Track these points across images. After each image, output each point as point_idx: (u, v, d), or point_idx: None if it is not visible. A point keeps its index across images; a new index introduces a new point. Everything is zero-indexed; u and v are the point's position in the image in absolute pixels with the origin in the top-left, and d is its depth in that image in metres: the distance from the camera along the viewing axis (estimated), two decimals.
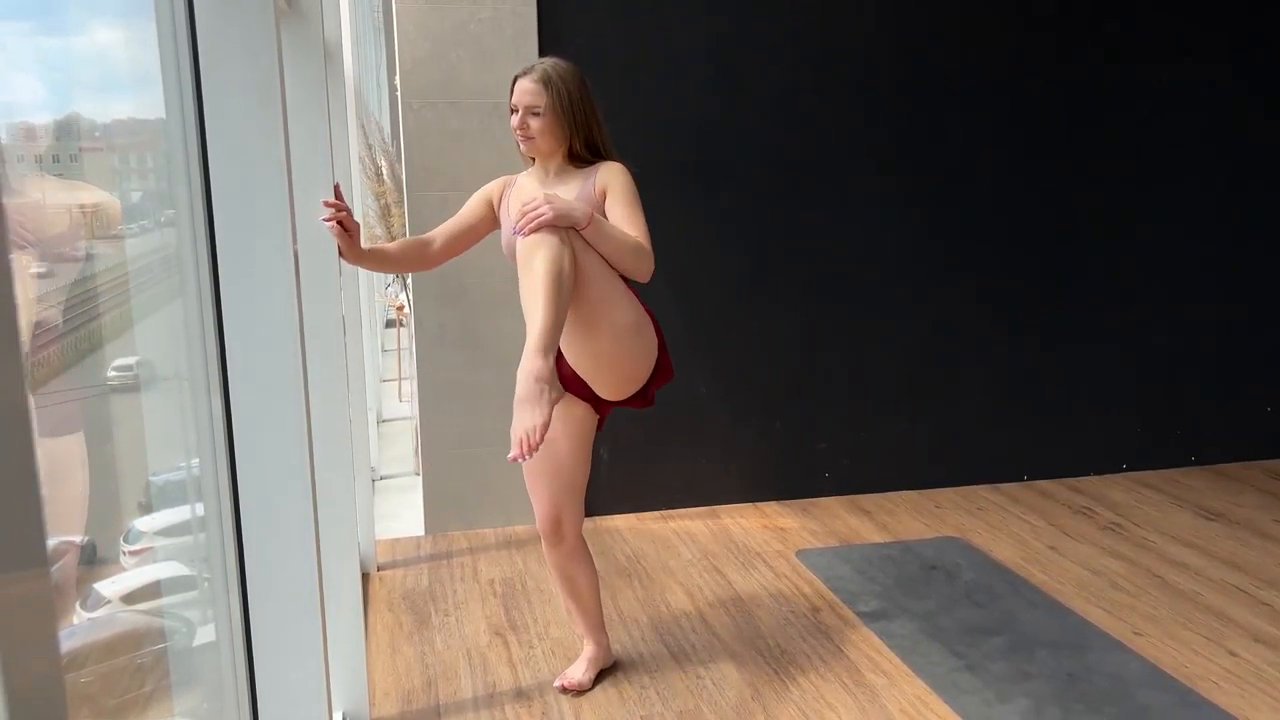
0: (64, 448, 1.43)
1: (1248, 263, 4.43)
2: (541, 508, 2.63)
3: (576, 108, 2.45)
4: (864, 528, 3.87)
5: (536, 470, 2.60)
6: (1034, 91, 4.11)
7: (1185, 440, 4.50)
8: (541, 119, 2.44)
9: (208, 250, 1.51)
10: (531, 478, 2.62)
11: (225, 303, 1.47)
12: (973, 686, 2.73)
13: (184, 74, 1.47)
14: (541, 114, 2.43)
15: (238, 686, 1.64)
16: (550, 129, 2.45)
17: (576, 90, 2.45)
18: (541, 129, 2.44)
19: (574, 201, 2.33)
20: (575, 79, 2.46)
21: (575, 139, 2.47)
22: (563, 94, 2.43)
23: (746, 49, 3.82)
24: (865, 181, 4.02)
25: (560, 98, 2.43)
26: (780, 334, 4.04)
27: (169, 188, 1.56)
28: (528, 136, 2.46)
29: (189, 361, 1.58)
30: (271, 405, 1.50)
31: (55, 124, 1.44)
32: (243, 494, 1.52)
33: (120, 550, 1.66)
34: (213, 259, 1.48)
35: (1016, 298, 4.24)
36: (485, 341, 3.73)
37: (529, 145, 2.49)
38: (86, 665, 1.52)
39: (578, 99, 2.45)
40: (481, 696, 2.71)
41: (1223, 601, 3.23)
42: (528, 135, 2.46)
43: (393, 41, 3.67)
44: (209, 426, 1.58)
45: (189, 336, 1.57)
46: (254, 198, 1.45)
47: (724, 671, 2.82)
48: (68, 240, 1.45)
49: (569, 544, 2.66)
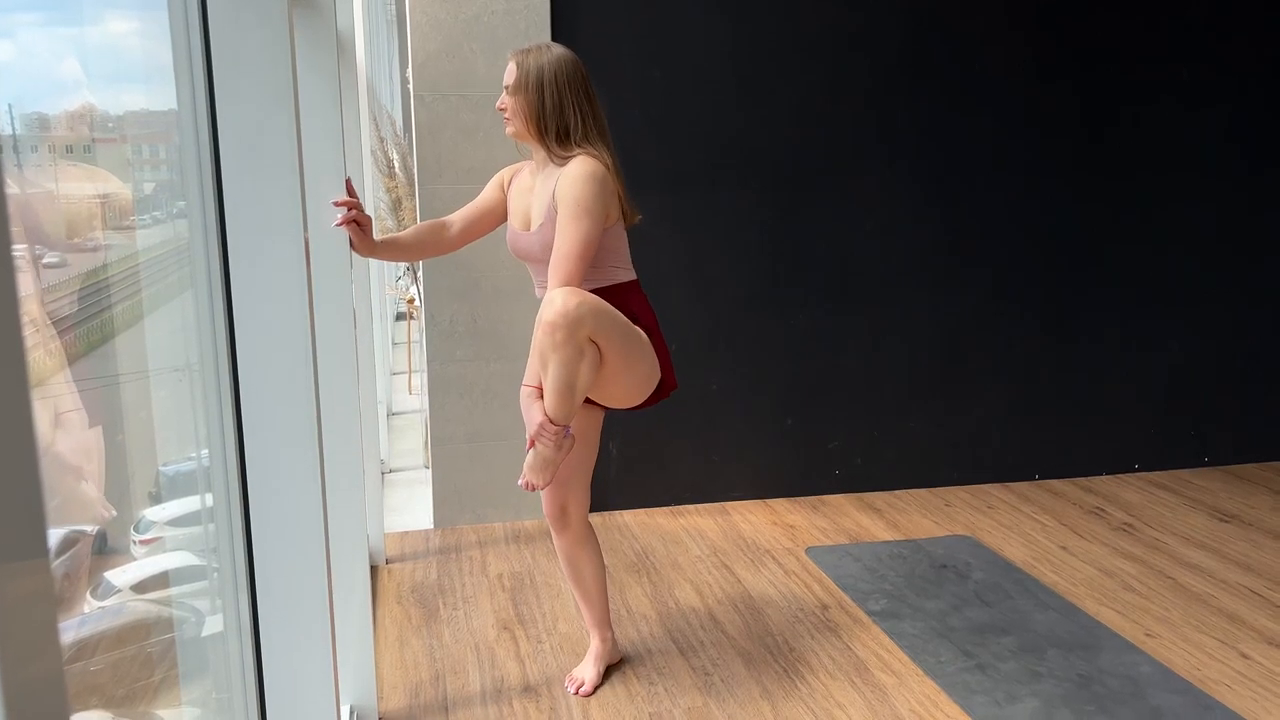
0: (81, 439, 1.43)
1: (1263, 263, 4.39)
2: (547, 495, 2.63)
3: (548, 89, 2.36)
4: (874, 526, 3.85)
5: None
6: (1047, 91, 4.08)
7: (1198, 441, 4.48)
8: (512, 97, 2.41)
9: (218, 242, 1.50)
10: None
11: (236, 294, 1.47)
12: (983, 686, 2.72)
13: (196, 65, 1.47)
14: (511, 92, 2.41)
15: (245, 678, 1.64)
16: (517, 109, 2.41)
17: (552, 73, 2.36)
18: (512, 108, 2.42)
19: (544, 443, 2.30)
20: (556, 63, 2.37)
21: (543, 124, 2.38)
22: (531, 72, 2.36)
23: (763, 46, 3.81)
24: (880, 181, 4.00)
25: (528, 75, 2.36)
26: (793, 332, 4.03)
27: (181, 179, 1.56)
28: (503, 108, 2.45)
29: (200, 352, 1.58)
30: (281, 397, 1.50)
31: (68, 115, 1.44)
32: (252, 486, 1.52)
33: (131, 540, 1.67)
34: (223, 251, 1.48)
35: (1030, 297, 4.22)
36: (495, 335, 3.73)
37: (507, 125, 2.46)
38: (96, 654, 1.52)
39: (550, 81, 2.36)
40: (489, 691, 2.72)
41: (1236, 603, 3.21)
42: (503, 108, 2.45)
43: (405, 34, 3.67)
44: (219, 418, 1.57)
45: (199, 328, 1.57)
46: (266, 190, 1.45)
47: (732, 669, 2.82)
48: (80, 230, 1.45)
49: (575, 530, 2.67)
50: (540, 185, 2.47)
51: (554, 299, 2.20)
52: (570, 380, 2.24)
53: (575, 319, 2.19)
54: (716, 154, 3.85)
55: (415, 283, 4.50)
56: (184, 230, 1.58)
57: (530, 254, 2.49)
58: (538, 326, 2.23)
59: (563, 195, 2.33)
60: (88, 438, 1.44)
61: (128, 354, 1.62)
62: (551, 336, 2.19)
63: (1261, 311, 4.43)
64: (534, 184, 2.50)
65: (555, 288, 2.27)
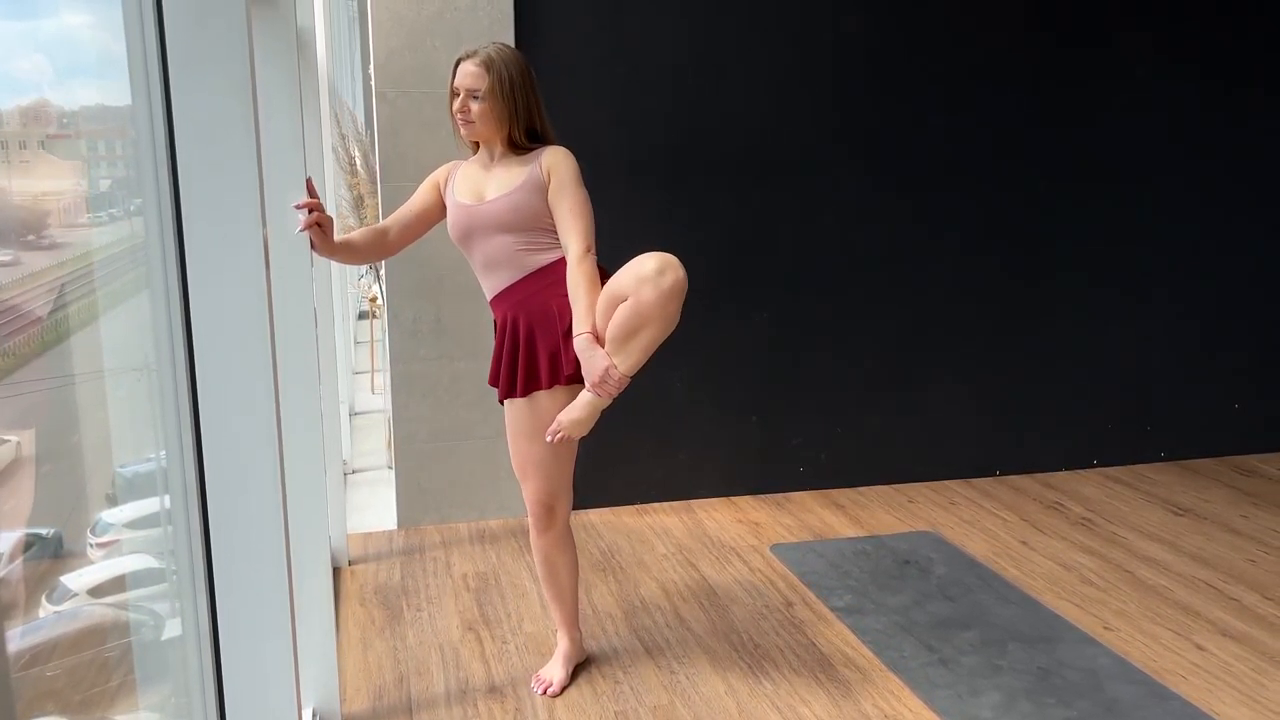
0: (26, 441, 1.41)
1: (1215, 261, 4.47)
2: (536, 493, 2.62)
3: (519, 92, 2.45)
4: (838, 522, 3.88)
5: (536, 457, 2.58)
6: (1007, 88, 4.12)
7: (1155, 436, 4.55)
8: (482, 103, 2.44)
9: (175, 239, 1.48)
10: (527, 464, 2.60)
11: (193, 292, 1.45)
12: (945, 680, 2.74)
13: (151, 59, 1.45)
14: (482, 98, 2.44)
15: (205, 681, 1.61)
16: (490, 113, 2.45)
17: (519, 75, 2.45)
18: (482, 113, 2.45)
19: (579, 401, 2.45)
20: (518, 64, 2.46)
21: (515, 125, 2.47)
22: (504, 78, 2.43)
23: (724, 40, 3.81)
24: (840, 177, 4.02)
25: (502, 82, 2.43)
26: (755, 329, 4.04)
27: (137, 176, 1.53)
28: (468, 120, 2.47)
29: (156, 351, 1.55)
30: (240, 397, 1.48)
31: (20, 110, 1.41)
32: (210, 488, 1.49)
33: (88, 543, 1.64)
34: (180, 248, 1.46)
35: (989, 295, 4.26)
36: (459, 334, 3.71)
37: (469, 129, 2.49)
38: (52, 660, 1.49)
39: (519, 84, 2.45)
40: (454, 692, 2.70)
41: (1191, 596, 3.26)
42: (468, 119, 2.46)
43: (367, 29, 3.64)
44: (175, 418, 1.55)
45: (156, 326, 1.54)
46: (223, 187, 1.43)
47: (698, 666, 2.82)
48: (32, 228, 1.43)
49: (559, 529, 2.67)
50: (501, 170, 2.51)
51: (673, 265, 2.28)
52: (659, 342, 2.36)
53: (685, 288, 2.32)
54: (678, 149, 3.85)
55: (378, 281, 4.47)
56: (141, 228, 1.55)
57: (492, 220, 2.49)
58: (649, 287, 2.26)
59: (556, 165, 2.45)
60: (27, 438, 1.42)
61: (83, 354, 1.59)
62: (675, 302, 2.30)
63: (1214, 310, 4.51)
64: (487, 173, 2.53)
65: (577, 239, 2.41)
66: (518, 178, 2.47)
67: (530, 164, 2.48)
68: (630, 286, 2.29)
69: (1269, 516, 3.93)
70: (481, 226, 2.50)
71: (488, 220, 2.49)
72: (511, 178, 2.48)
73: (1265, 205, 4.48)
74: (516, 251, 2.49)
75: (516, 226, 2.47)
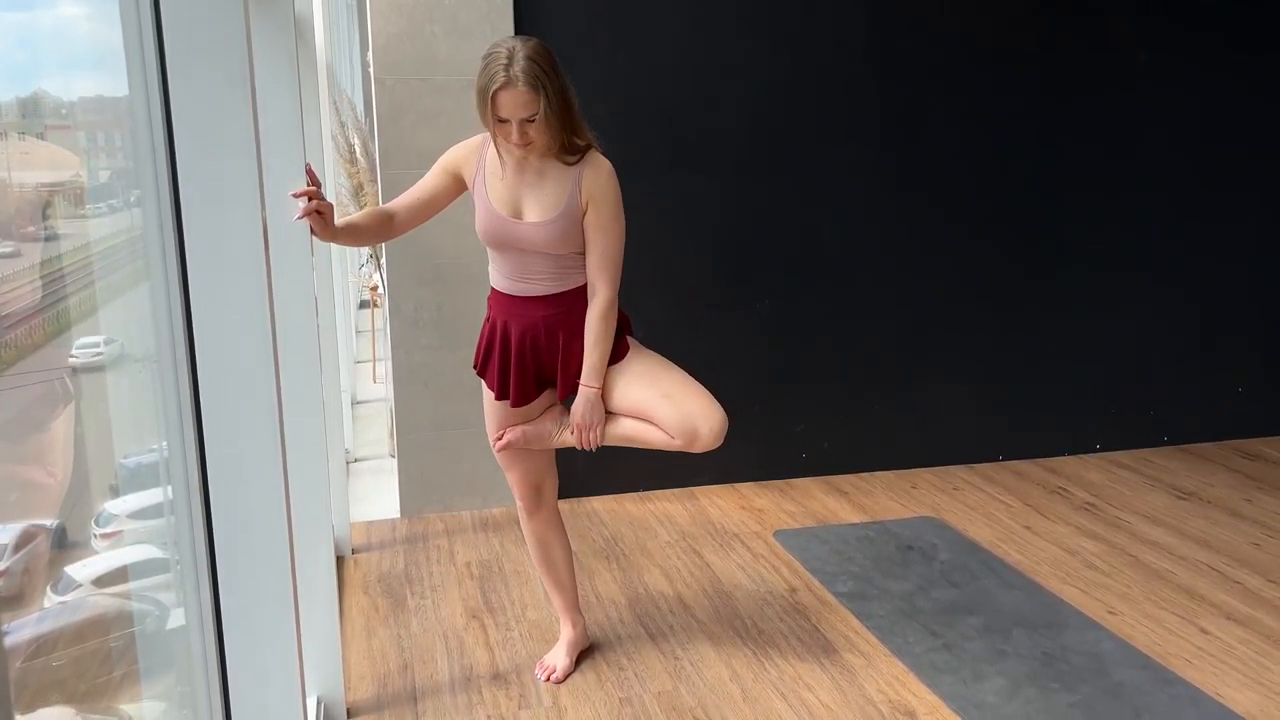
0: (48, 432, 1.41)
1: (1218, 244, 4.45)
2: (523, 476, 2.65)
3: (567, 95, 2.32)
4: (841, 508, 3.88)
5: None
6: (1008, 78, 4.10)
7: (1158, 420, 4.54)
8: (540, 124, 2.28)
9: (174, 229, 1.47)
10: (513, 449, 2.62)
11: (193, 282, 1.44)
12: (950, 666, 2.75)
13: (148, 49, 1.44)
14: (539, 119, 2.28)
15: (209, 671, 1.62)
16: (547, 129, 2.30)
17: (560, 76, 2.30)
18: (540, 132, 2.30)
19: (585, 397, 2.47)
20: (552, 63, 2.29)
21: (568, 130, 2.35)
22: (554, 92, 2.27)
23: (727, 27, 3.79)
24: (845, 166, 4.01)
25: (551, 98, 2.27)
26: (759, 317, 4.04)
27: (136, 167, 1.52)
28: (527, 143, 2.32)
29: (157, 342, 1.55)
30: (242, 387, 1.47)
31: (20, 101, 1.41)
32: (212, 478, 1.49)
33: (92, 533, 1.64)
34: (180, 238, 1.45)
35: (992, 281, 4.25)
36: (460, 323, 3.70)
37: (527, 150, 2.35)
38: (57, 650, 1.49)
39: (565, 86, 2.32)
40: (458, 679, 2.71)
41: (1195, 580, 3.26)
42: (527, 142, 2.31)
43: (366, 16, 3.62)
44: (177, 409, 1.55)
45: (156, 316, 1.54)
46: (222, 176, 1.42)
47: (702, 652, 2.83)
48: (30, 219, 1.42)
49: (547, 510, 2.70)
50: (537, 180, 2.40)
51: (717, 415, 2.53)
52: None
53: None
54: (680, 140, 3.84)
55: (379, 270, 4.46)
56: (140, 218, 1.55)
57: (534, 244, 2.40)
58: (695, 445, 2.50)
59: (603, 195, 2.40)
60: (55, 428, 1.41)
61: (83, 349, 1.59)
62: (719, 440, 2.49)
63: (1217, 294, 4.50)
64: (520, 179, 2.41)
65: (606, 287, 2.43)
66: (558, 201, 2.37)
67: (569, 182, 2.37)
68: (674, 425, 2.44)
69: (1273, 500, 3.93)
70: (516, 244, 2.42)
71: (524, 242, 2.41)
72: (551, 199, 2.37)
73: (1267, 189, 4.46)
74: (555, 272, 2.46)
75: (556, 250, 2.41)
